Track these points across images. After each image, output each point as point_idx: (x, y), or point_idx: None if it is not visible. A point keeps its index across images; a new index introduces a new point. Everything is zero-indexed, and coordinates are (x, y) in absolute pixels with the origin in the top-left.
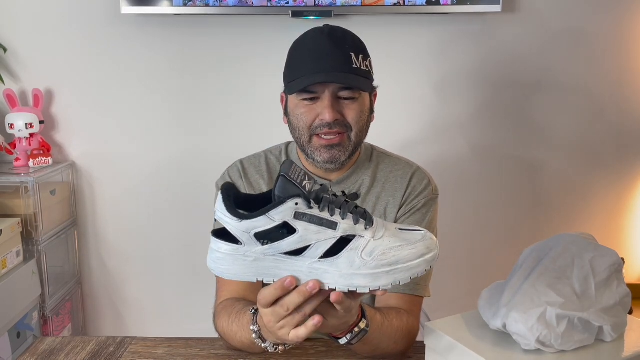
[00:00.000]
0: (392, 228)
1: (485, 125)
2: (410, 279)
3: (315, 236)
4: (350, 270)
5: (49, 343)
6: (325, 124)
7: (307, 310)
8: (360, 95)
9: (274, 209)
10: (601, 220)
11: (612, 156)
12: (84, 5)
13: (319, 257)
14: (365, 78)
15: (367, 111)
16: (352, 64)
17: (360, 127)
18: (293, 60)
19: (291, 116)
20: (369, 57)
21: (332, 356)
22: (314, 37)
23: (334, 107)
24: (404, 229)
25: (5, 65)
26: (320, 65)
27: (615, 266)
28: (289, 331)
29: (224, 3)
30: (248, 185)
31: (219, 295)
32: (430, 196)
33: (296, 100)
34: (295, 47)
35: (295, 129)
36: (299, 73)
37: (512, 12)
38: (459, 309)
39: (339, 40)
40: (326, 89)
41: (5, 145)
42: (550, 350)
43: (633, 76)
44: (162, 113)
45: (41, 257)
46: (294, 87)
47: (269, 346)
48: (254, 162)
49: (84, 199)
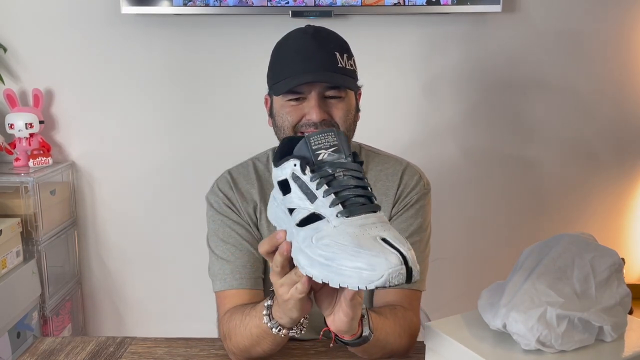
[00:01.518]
0: (374, 232)
1: (486, 125)
2: (339, 285)
3: (297, 202)
4: (302, 245)
5: (48, 343)
6: (311, 124)
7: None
8: (346, 95)
9: (281, 165)
10: (601, 220)
11: (612, 156)
12: (84, 5)
13: (296, 223)
14: (350, 77)
15: (354, 110)
16: (338, 64)
17: (347, 126)
18: (277, 62)
19: (276, 117)
20: (353, 57)
21: (332, 356)
22: (297, 38)
23: (321, 106)
24: (389, 240)
25: (5, 65)
26: (306, 66)
27: (615, 266)
28: (288, 290)
29: (224, 3)
30: (239, 196)
31: (223, 306)
32: (422, 191)
33: (282, 101)
34: (278, 49)
35: (279, 128)
36: (285, 74)
37: (512, 12)
38: (459, 309)
39: (323, 40)
40: (312, 89)
41: (5, 145)
42: (550, 350)
43: (633, 76)
44: (162, 113)
45: (41, 257)
46: (280, 88)
47: (274, 326)
48: (242, 171)
49: (84, 199)
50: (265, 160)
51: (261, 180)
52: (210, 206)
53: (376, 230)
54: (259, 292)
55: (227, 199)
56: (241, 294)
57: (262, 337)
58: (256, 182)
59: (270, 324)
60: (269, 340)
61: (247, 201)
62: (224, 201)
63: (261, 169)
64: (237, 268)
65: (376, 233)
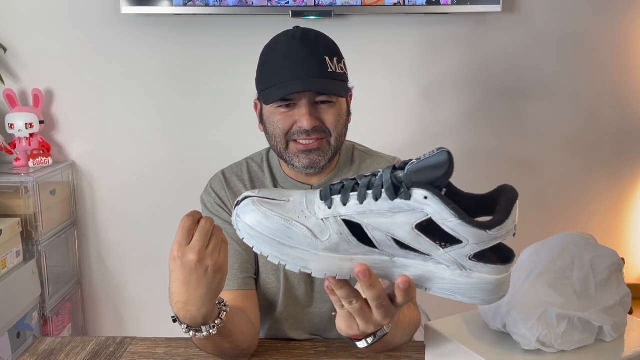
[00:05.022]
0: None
1: (485, 125)
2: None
3: None
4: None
5: (49, 343)
6: (303, 131)
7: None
8: (337, 99)
9: None
10: (601, 220)
11: (612, 156)
12: (84, 5)
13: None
14: (341, 81)
15: (345, 114)
16: (328, 69)
17: (339, 131)
18: (266, 67)
19: (267, 124)
20: (343, 59)
21: (332, 356)
22: (286, 42)
23: (311, 113)
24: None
25: (5, 65)
26: (296, 72)
27: (615, 266)
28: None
29: (224, 3)
30: (232, 196)
31: None
32: None
33: (272, 108)
34: (267, 53)
35: (271, 136)
36: (274, 80)
37: (512, 12)
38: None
39: (312, 44)
40: (303, 96)
41: (5, 145)
42: (550, 350)
43: (633, 76)
44: (162, 113)
45: (41, 257)
46: (270, 96)
47: (183, 328)
48: (236, 171)
49: (84, 199)
50: (260, 161)
51: (254, 180)
52: (204, 206)
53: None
54: (247, 292)
55: (219, 199)
56: (226, 295)
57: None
58: (249, 182)
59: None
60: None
61: None
62: (216, 201)
63: (255, 169)
64: None
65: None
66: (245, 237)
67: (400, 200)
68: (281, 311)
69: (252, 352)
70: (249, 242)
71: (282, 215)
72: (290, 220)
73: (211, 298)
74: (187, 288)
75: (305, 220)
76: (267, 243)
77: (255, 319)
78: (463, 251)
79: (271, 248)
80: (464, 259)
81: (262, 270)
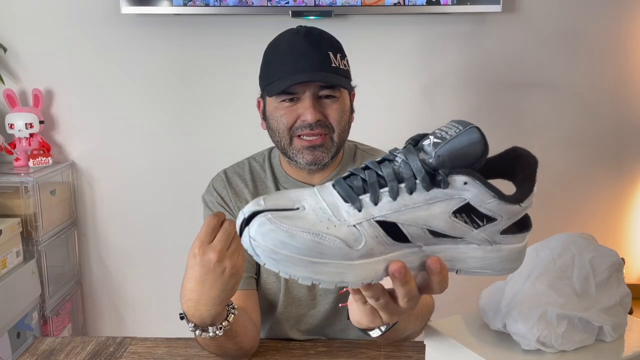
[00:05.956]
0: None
1: (485, 125)
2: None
3: None
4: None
5: (48, 343)
6: (306, 125)
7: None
8: (340, 95)
9: None
10: (601, 220)
11: (612, 156)
12: (84, 5)
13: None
14: (344, 77)
15: (348, 111)
16: (331, 63)
17: (342, 127)
18: (270, 63)
19: (270, 119)
20: (346, 56)
21: (332, 356)
22: (290, 39)
23: (315, 107)
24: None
25: (5, 65)
26: (300, 66)
27: (615, 266)
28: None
29: (224, 3)
30: (234, 195)
31: None
32: None
33: (275, 103)
34: (270, 50)
35: (274, 131)
36: (278, 75)
37: (512, 12)
38: (459, 309)
39: (315, 40)
40: (307, 89)
41: (5, 145)
42: (550, 350)
43: (632, 76)
44: (162, 113)
45: (41, 257)
46: (274, 89)
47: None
48: (238, 170)
49: (84, 199)
50: (262, 160)
51: (255, 180)
52: (205, 205)
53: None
54: (249, 292)
55: (221, 198)
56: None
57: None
58: (250, 182)
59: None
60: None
61: (240, 200)
62: (218, 200)
63: (257, 168)
64: None
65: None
66: (268, 263)
67: (437, 189)
68: (281, 311)
69: (253, 352)
70: (273, 267)
71: (309, 230)
72: (320, 234)
73: (223, 300)
74: (202, 287)
75: (336, 230)
76: (296, 265)
77: (257, 318)
78: (496, 227)
79: (302, 269)
80: (496, 234)
81: (262, 270)
